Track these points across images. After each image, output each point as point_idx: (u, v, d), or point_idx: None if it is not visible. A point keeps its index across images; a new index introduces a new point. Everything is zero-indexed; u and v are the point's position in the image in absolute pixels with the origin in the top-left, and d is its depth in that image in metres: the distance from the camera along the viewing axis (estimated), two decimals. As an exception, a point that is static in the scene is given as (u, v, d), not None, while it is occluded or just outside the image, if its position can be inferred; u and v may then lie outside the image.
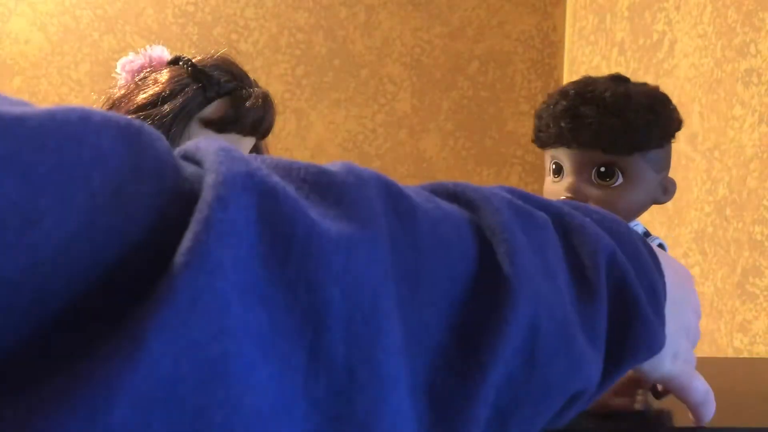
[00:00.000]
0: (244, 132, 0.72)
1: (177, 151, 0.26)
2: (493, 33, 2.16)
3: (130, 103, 0.70)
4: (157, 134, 0.24)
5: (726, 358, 1.14)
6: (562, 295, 0.32)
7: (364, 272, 0.25)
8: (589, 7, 1.96)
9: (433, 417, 0.28)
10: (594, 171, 0.61)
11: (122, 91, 0.72)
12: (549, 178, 0.64)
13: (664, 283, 0.39)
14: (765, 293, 1.14)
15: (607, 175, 0.60)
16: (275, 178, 0.25)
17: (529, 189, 2.23)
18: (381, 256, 0.26)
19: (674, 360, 0.43)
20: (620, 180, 0.60)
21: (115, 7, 2.05)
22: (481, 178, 2.15)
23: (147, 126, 0.24)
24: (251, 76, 0.75)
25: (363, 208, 0.27)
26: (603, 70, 1.84)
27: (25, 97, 2.01)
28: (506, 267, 0.30)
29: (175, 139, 0.69)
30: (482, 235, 0.31)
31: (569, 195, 0.60)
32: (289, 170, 0.28)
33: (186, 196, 0.22)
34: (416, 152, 2.14)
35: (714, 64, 1.30)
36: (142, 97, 0.69)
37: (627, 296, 0.36)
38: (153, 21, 2.06)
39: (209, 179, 0.22)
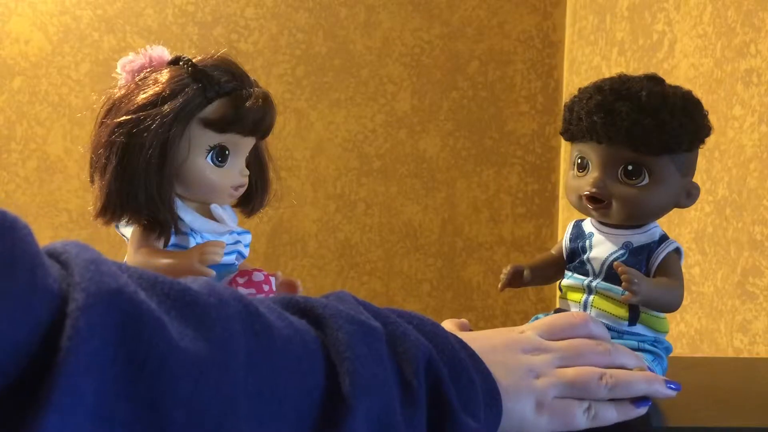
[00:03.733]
0: (244, 132, 0.72)
1: (43, 248, 0.28)
2: (493, 33, 2.16)
3: (131, 103, 0.70)
4: (27, 228, 0.25)
5: (726, 358, 1.14)
6: (393, 404, 0.36)
7: (212, 395, 0.27)
8: (589, 7, 1.96)
9: None
10: (621, 169, 0.61)
11: (122, 91, 0.72)
12: (572, 173, 0.64)
13: (484, 372, 0.42)
14: (765, 293, 1.14)
15: (633, 174, 0.60)
16: (141, 296, 0.27)
17: (529, 189, 2.23)
18: (232, 378, 0.29)
19: (540, 410, 0.44)
20: (646, 180, 0.60)
21: (115, 7, 2.05)
22: (481, 178, 2.15)
23: (19, 219, 0.25)
24: (251, 76, 0.75)
25: (222, 329, 0.30)
26: (603, 70, 1.84)
27: (26, 97, 2.01)
28: (345, 386, 0.33)
29: (175, 139, 0.69)
30: (327, 352, 0.35)
31: (593, 190, 0.61)
32: (153, 284, 0.29)
33: (54, 296, 0.24)
34: (416, 152, 2.14)
35: (714, 64, 1.30)
36: (142, 97, 0.69)
37: (442, 399, 0.38)
38: (153, 21, 2.06)
39: (78, 297, 0.24)
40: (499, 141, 2.16)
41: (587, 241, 0.64)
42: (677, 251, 0.63)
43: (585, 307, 0.64)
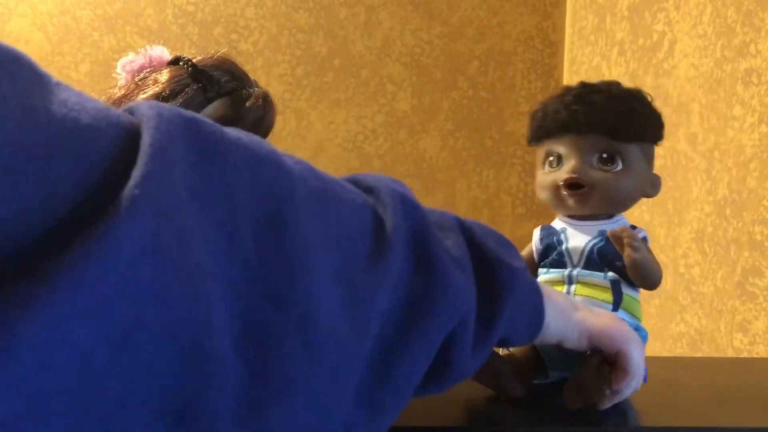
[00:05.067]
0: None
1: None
2: (493, 33, 2.16)
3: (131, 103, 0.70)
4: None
5: (726, 358, 1.14)
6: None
7: (272, 182, 0.32)
8: (589, 7, 1.96)
9: (349, 299, 0.33)
10: (596, 157, 0.64)
11: (122, 91, 0.72)
12: (543, 171, 0.67)
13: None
14: (765, 293, 1.14)
15: (608, 161, 0.64)
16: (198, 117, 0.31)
17: (529, 189, 2.22)
18: (287, 173, 0.34)
19: (576, 311, 0.51)
20: (620, 166, 0.64)
21: (115, 7, 2.05)
22: (481, 178, 2.15)
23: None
24: (251, 76, 0.75)
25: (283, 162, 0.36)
26: (603, 70, 1.84)
27: (25, 97, 2.01)
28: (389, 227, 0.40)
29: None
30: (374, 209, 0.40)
31: (573, 175, 0.63)
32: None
33: (133, 128, 0.28)
34: (416, 152, 2.14)
35: (714, 64, 1.30)
36: (142, 97, 0.69)
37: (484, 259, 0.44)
38: (153, 21, 2.06)
39: (150, 123, 0.28)
40: (499, 141, 2.16)
41: (561, 235, 0.67)
42: (645, 239, 0.66)
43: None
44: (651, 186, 0.67)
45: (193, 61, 0.72)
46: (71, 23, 2.04)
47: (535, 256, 0.69)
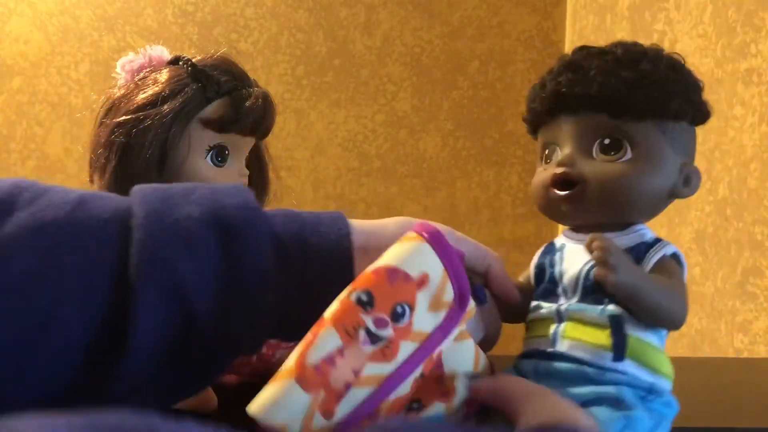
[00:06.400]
0: (244, 132, 0.72)
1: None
2: (493, 33, 2.15)
3: (130, 103, 0.69)
4: None
5: (726, 358, 1.14)
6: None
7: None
8: (590, 7, 1.96)
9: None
10: (597, 144, 0.47)
11: (122, 91, 0.72)
12: (539, 169, 0.52)
13: None
14: (765, 293, 1.14)
15: (612, 148, 0.47)
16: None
17: (530, 189, 2.22)
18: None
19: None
20: (629, 155, 0.47)
21: (115, 7, 2.05)
22: (481, 178, 2.15)
23: None
24: (251, 76, 0.74)
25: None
26: (603, 70, 1.84)
27: (25, 97, 2.01)
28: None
29: (174, 138, 0.68)
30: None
31: (561, 169, 0.48)
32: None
33: None
34: (416, 152, 2.14)
35: (714, 64, 1.30)
36: (141, 97, 0.69)
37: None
38: (153, 21, 2.06)
39: None
40: (499, 141, 2.16)
41: (557, 254, 0.49)
42: (675, 257, 0.47)
43: (554, 342, 0.46)
44: (684, 181, 0.48)
45: (193, 60, 0.72)
46: (71, 23, 2.04)
47: (532, 274, 0.51)
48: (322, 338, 0.38)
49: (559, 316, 0.46)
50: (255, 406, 0.37)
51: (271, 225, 0.43)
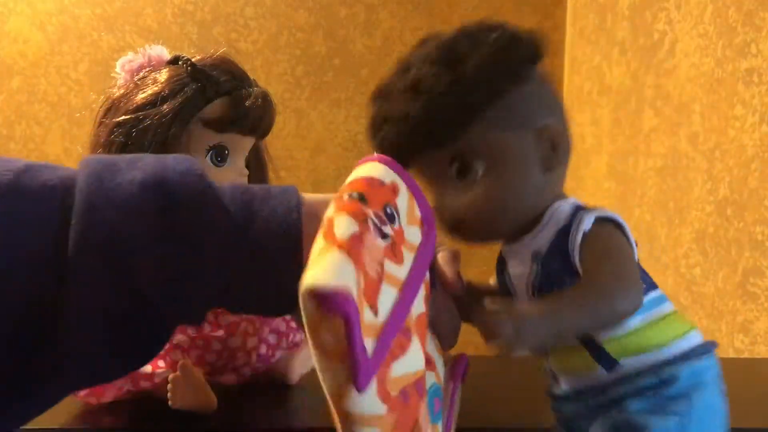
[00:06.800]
0: (244, 132, 0.72)
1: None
2: (493, 32, 2.15)
3: (130, 103, 0.69)
4: None
5: (727, 359, 1.14)
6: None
7: None
8: (590, 6, 1.96)
9: None
10: (451, 172, 0.44)
11: (121, 91, 0.72)
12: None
13: None
14: (766, 293, 1.14)
15: (462, 173, 0.44)
16: None
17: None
18: None
19: None
20: (481, 168, 0.43)
21: (115, 7, 2.05)
22: (481, 177, 2.15)
23: None
24: (251, 75, 0.74)
25: None
26: (604, 69, 1.84)
27: (24, 97, 2.01)
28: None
29: (174, 138, 0.68)
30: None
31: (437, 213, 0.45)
32: None
33: None
34: (416, 152, 2.13)
35: (715, 64, 1.30)
36: (141, 97, 0.69)
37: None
38: (152, 20, 2.06)
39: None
40: (499, 141, 2.16)
41: (505, 265, 0.47)
42: (599, 223, 0.41)
43: (557, 379, 0.46)
44: (551, 146, 0.44)
45: (193, 60, 0.72)
46: (70, 22, 2.03)
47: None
48: (340, 223, 0.35)
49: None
50: (311, 279, 0.32)
51: (217, 193, 0.43)
